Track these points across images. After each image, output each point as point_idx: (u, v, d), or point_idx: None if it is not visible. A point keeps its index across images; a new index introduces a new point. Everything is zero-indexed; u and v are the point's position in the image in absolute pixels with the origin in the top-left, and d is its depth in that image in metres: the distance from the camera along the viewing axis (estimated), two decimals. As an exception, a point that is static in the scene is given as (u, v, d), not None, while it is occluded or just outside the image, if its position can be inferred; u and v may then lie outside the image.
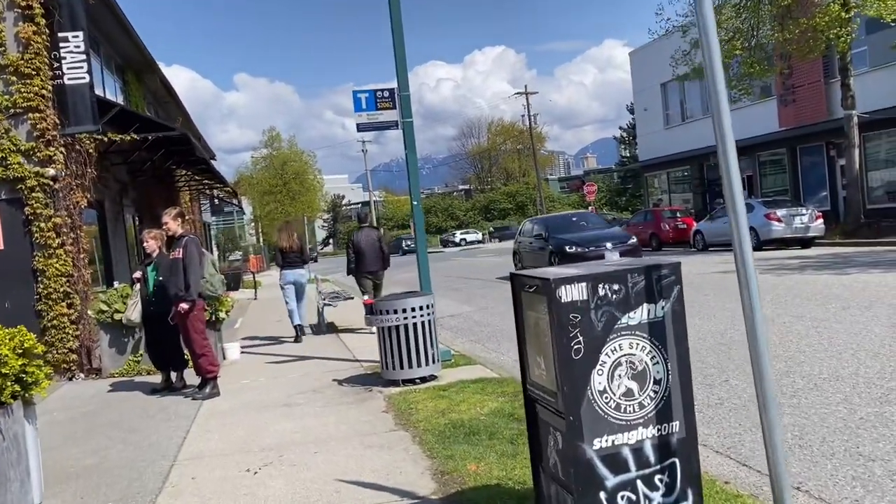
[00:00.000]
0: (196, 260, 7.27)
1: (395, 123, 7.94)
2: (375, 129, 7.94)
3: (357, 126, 7.92)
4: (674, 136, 35.51)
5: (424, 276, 7.95)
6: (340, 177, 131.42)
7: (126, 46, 15.18)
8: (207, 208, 37.07)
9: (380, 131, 7.93)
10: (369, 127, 7.95)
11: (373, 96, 7.89)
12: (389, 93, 7.91)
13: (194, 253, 7.27)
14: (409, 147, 7.86)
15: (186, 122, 25.12)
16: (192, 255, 7.23)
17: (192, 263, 7.24)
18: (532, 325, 3.10)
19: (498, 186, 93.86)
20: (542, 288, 2.91)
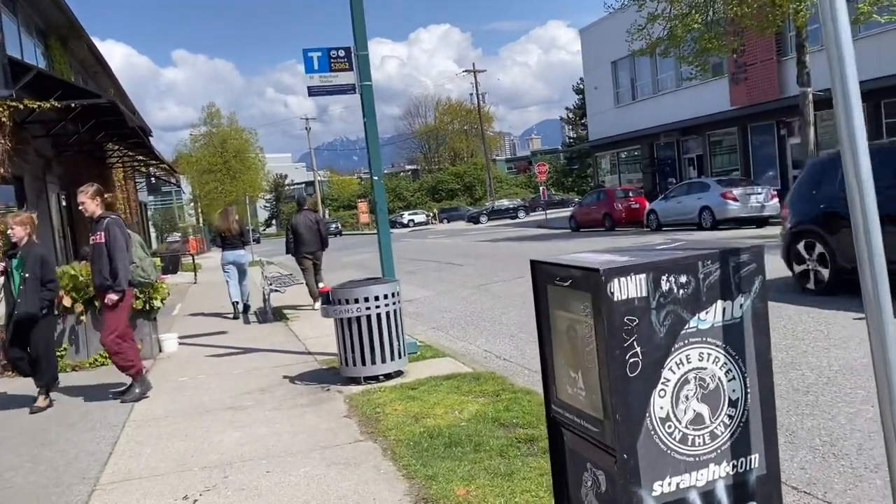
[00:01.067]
0: (122, 243, 6.32)
1: (351, 87, 7.07)
2: (329, 93, 7.05)
3: (308, 90, 7.02)
4: (624, 115, 35.23)
5: (387, 261, 7.14)
6: (283, 156, 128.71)
7: (47, 7, 13.81)
8: (144, 187, 35.35)
9: (333, 95, 7.04)
10: (322, 90, 7.05)
11: (326, 56, 6.99)
12: (345, 52, 7.03)
13: (118, 236, 6.31)
14: (368, 114, 7.01)
15: (119, 94, 23.58)
16: (116, 239, 6.28)
17: (118, 248, 6.28)
18: (563, 329, 2.34)
19: (445, 167, 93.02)
20: (582, 281, 2.15)
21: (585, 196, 31.43)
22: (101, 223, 6.36)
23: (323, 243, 12.20)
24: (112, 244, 6.26)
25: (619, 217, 25.77)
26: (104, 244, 6.28)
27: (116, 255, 6.26)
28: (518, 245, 22.50)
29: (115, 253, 6.26)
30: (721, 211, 20.40)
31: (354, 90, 7.07)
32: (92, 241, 6.43)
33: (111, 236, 6.26)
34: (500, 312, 10.01)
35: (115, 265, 6.25)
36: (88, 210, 6.46)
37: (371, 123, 7.03)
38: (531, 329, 9.05)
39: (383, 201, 7.17)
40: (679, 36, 20.18)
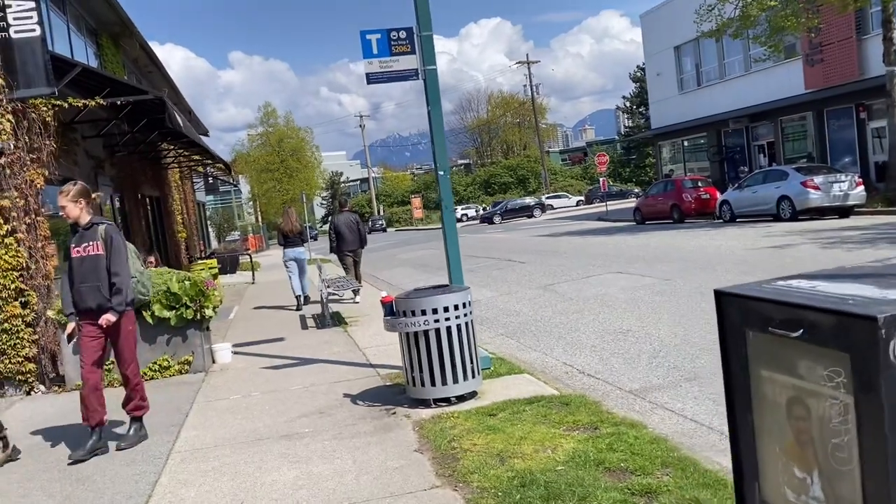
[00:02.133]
0: (124, 256, 5.43)
1: (413, 72, 6.32)
2: (390, 80, 6.31)
3: (367, 77, 6.30)
4: (689, 102, 33.78)
5: (454, 264, 6.38)
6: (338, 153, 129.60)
7: (97, 5, 13.46)
8: (201, 187, 35.45)
9: (394, 82, 6.30)
10: (382, 77, 6.32)
11: (386, 38, 6.25)
12: (407, 33, 6.28)
13: (121, 246, 5.43)
14: (433, 101, 6.25)
15: (174, 94, 23.40)
16: (119, 250, 5.38)
17: (121, 261, 5.36)
18: (781, 403, 1.53)
19: (498, 160, 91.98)
20: (833, 331, 1.34)
21: (651, 187, 30.15)
22: (95, 231, 5.38)
23: (362, 241, 13.27)
24: (114, 256, 5.33)
25: (689, 208, 24.51)
26: (103, 256, 5.32)
27: (121, 270, 5.34)
28: (581, 240, 21.52)
29: (120, 267, 5.33)
30: (802, 201, 19.05)
31: (417, 75, 6.32)
32: (76, 253, 5.39)
33: (113, 247, 5.35)
34: (574, 317, 9.16)
35: (119, 281, 5.31)
36: (72, 215, 5.40)
37: (436, 112, 6.27)
38: (613, 338, 8.26)
39: (449, 198, 6.41)
40: (753, 15, 18.91)
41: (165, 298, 7.89)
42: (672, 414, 5.04)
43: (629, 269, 12.87)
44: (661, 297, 9.72)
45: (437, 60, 6.36)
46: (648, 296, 9.92)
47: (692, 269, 11.75)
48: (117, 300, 5.29)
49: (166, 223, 20.08)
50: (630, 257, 14.70)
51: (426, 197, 75.44)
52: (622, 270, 12.76)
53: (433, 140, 6.30)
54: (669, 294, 9.82)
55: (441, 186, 6.33)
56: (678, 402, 5.28)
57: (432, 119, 6.27)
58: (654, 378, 6.01)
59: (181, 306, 7.90)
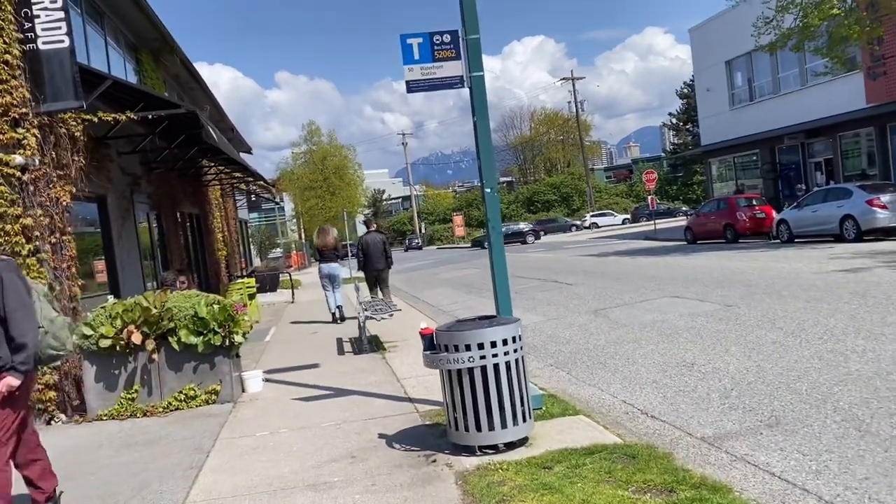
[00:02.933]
0: (23, 297, 4.08)
1: (458, 80, 5.74)
2: (432, 88, 5.74)
3: (407, 85, 5.74)
4: (741, 118, 32.67)
5: (502, 292, 5.75)
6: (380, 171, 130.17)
7: (136, 20, 13.26)
8: (244, 205, 35.44)
9: (437, 90, 5.73)
10: (424, 85, 5.76)
11: (429, 42, 5.70)
12: (451, 37, 5.72)
13: (19, 288, 4.07)
14: (479, 111, 5.67)
15: (216, 111, 23.32)
16: (13, 291, 4.02)
17: (20, 304, 4.03)
18: None
19: (541, 178, 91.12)
20: None
21: (702, 205, 29.10)
22: None
23: (388, 261, 13.54)
24: (8, 300, 3.98)
25: (743, 227, 23.47)
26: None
27: (18, 317, 3.98)
28: (631, 260, 20.67)
29: (16, 313, 3.98)
30: (867, 220, 17.96)
31: (462, 83, 5.75)
32: None
33: (4, 288, 3.99)
34: (630, 347, 8.44)
35: (17, 332, 3.97)
36: None
37: (482, 124, 5.68)
38: (676, 372, 7.39)
39: (497, 218, 5.79)
40: (814, 25, 17.97)
41: (192, 323, 7.42)
42: (756, 470, 4.32)
43: (686, 293, 12.07)
44: (725, 325, 8.93)
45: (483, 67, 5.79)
46: (711, 324, 9.14)
47: (756, 295, 10.90)
48: (20, 358, 3.98)
49: (206, 241, 19.85)
50: (686, 280, 13.87)
51: (468, 215, 74.97)
52: (679, 295, 11.96)
53: (479, 154, 5.71)
54: (734, 322, 9.03)
55: (487, 205, 5.72)
56: (761, 454, 4.55)
57: (479, 131, 5.68)
58: (729, 422, 5.28)
59: (209, 332, 7.42)
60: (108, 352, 7.34)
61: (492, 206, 5.71)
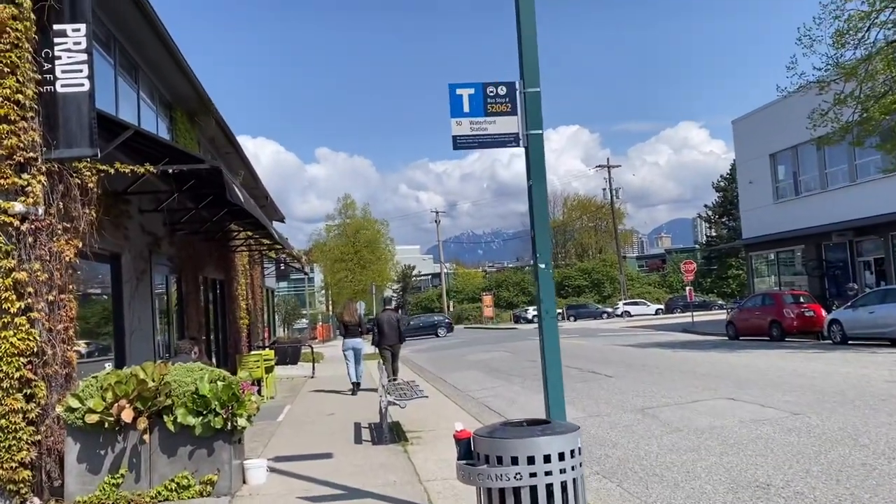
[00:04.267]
0: None
1: (513, 137, 4.97)
2: (482, 146, 4.96)
3: (454, 141, 4.97)
4: (785, 212, 31.66)
5: (555, 391, 4.80)
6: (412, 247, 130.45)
7: (172, 77, 12.91)
8: (273, 273, 34.93)
9: (487, 148, 4.94)
10: (473, 142, 4.98)
11: (481, 93, 4.96)
12: (507, 89, 4.98)
13: None
14: (536, 174, 4.87)
15: (252, 178, 23.03)
16: None
17: None
18: None
19: (573, 262, 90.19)
20: None
21: (746, 299, 27.85)
22: None
23: (401, 338, 14.82)
24: None
25: (791, 326, 22.16)
26: None
27: None
28: (672, 353, 19.44)
29: None
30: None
31: (517, 142, 4.97)
32: None
33: None
34: (689, 457, 7.33)
35: None
36: None
37: (539, 188, 4.87)
38: (750, 495, 5.62)
39: (551, 298, 4.89)
40: (875, 119, 17.19)
41: (192, 402, 6.52)
42: None
43: (742, 395, 10.91)
44: (797, 437, 7.80)
45: (514, 164, 5.00)
46: (779, 434, 8.00)
47: (826, 403, 9.73)
48: None
49: (229, 308, 19.12)
50: (738, 380, 12.68)
51: (497, 295, 73.90)
52: (734, 396, 10.81)
53: (534, 223, 4.87)
54: (806, 434, 7.89)
55: (541, 283, 4.83)
56: None
57: (534, 197, 4.86)
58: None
59: (209, 412, 6.51)
60: (94, 428, 6.45)
61: (545, 285, 4.82)
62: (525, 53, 4.87)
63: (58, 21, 7.18)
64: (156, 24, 10.56)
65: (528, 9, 4.82)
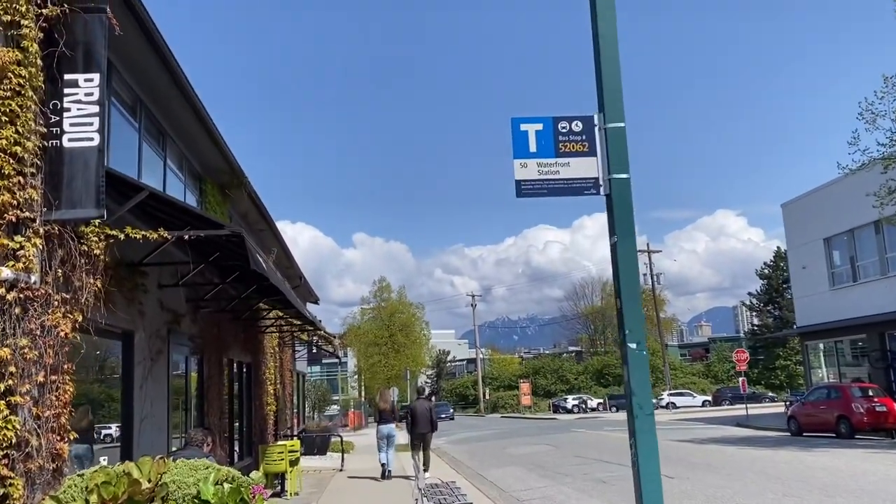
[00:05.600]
0: None
1: (591, 184, 3.98)
2: (552, 193, 3.97)
3: (517, 187, 3.99)
4: (842, 299, 29.93)
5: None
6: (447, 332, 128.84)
7: (204, 147, 12.33)
8: (304, 356, 33.94)
9: (558, 196, 3.94)
10: (541, 188, 3.99)
11: (551, 129, 4.01)
12: (584, 125, 4.01)
13: None
14: (622, 227, 3.84)
15: (286, 258, 22.35)
16: None
17: None
18: None
19: (612, 350, 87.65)
20: None
21: (809, 392, 25.96)
22: None
23: (433, 426, 15.19)
24: None
25: (860, 422, 20.31)
26: None
27: None
28: (736, 451, 17.71)
29: None
30: None
31: (597, 189, 3.96)
32: None
33: None
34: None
35: None
36: None
37: (627, 246, 3.83)
38: None
39: (647, 392, 3.77)
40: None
41: (192, 507, 5.40)
42: None
43: (835, 505, 9.40)
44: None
45: (549, 250, 4.00)
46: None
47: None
48: None
49: (255, 393, 18.04)
50: (825, 487, 11.11)
51: (535, 383, 71.59)
52: (826, 507, 9.31)
53: (620, 291, 3.80)
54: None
55: (630, 368, 3.73)
56: None
57: (620, 258, 3.81)
58: None
59: (211, 521, 5.37)
60: (73, 540, 5.34)
61: (638, 371, 3.72)
62: (606, 79, 3.92)
63: (69, 70, 6.51)
64: (186, 88, 9.98)
65: (608, 24, 3.91)
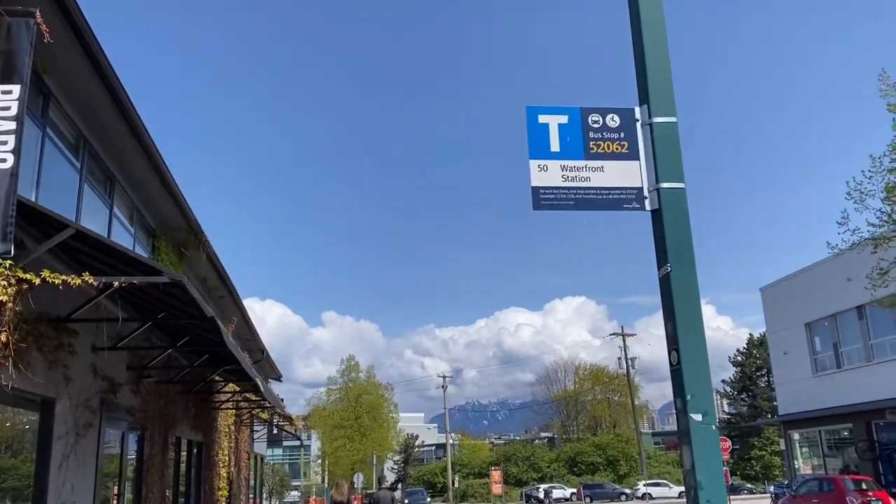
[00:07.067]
0: None
1: (633, 195, 2.98)
2: (581, 206, 2.93)
3: (535, 195, 2.91)
4: (827, 386, 29.08)
5: None
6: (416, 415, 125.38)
7: (160, 202, 11.24)
8: (264, 437, 31.95)
9: (586, 210, 2.90)
10: (566, 199, 2.92)
11: (579, 123, 2.98)
12: (621, 119, 3.01)
13: None
14: (677, 254, 2.81)
15: (247, 328, 21.00)
16: None
17: None
18: None
19: (585, 437, 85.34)
20: None
21: (800, 484, 24.68)
22: None
23: None
24: None
25: (856, 517, 19.07)
26: None
27: None
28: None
29: None
30: None
31: (640, 202, 2.94)
32: None
33: None
34: None
35: None
36: None
37: (685, 277, 2.77)
38: None
39: (719, 484, 2.64)
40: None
41: None
42: None
43: None
44: None
45: (520, 332, 2.99)
46: None
47: None
48: None
49: (205, 477, 16.36)
50: None
51: (506, 470, 68.95)
52: None
53: (678, 340, 2.72)
54: None
55: (695, 449, 2.63)
56: None
57: (676, 294, 2.75)
58: None
59: None
60: None
61: (705, 454, 2.62)
62: (651, 62, 2.95)
63: (-16, 79, 5.48)
64: (136, 124, 8.96)
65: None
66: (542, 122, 3.17)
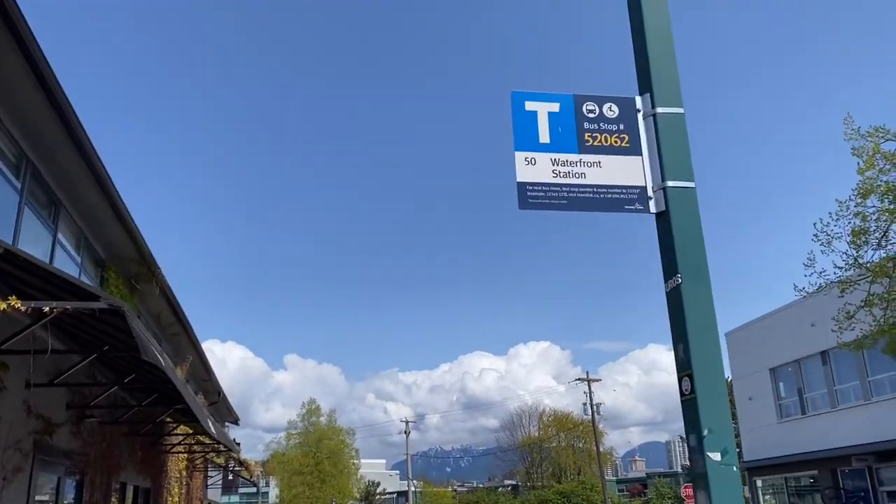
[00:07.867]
0: None
1: (636, 195, 2.55)
2: (574, 207, 2.50)
3: (521, 192, 2.46)
4: (792, 432, 28.91)
5: None
6: (377, 461, 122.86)
7: (110, 231, 10.62)
8: (218, 483, 30.64)
9: (587, 211, 2.48)
10: (557, 198, 2.50)
11: (572, 112, 2.57)
12: (620, 109, 2.61)
13: None
14: (689, 265, 2.38)
15: (204, 370, 20.16)
16: None
17: None
18: None
19: (550, 484, 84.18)
20: None
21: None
22: None
23: None
24: None
25: (828, 568, 18.60)
26: None
27: None
28: None
29: None
30: None
31: (644, 203, 2.52)
32: None
33: None
34: None
35: None
36: None
37: (697, 289, 2.35)
38: None
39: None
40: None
41: None
42: None
43: None
44: None
45: (485, 377, 2.59)
46: None
47: None
48: None
49: (152, 525, 15.41)
50: None
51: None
52: None
53: (691, 367, 2.29)
54: None
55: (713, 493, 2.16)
56: None
57: (687, 309, 2.33)
58: None
59: None
60: None
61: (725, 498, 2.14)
62: (652, 48, 2.57)
63: None
64: (86, 149, 8.43)
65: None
66: (529, 109, 2.77)
